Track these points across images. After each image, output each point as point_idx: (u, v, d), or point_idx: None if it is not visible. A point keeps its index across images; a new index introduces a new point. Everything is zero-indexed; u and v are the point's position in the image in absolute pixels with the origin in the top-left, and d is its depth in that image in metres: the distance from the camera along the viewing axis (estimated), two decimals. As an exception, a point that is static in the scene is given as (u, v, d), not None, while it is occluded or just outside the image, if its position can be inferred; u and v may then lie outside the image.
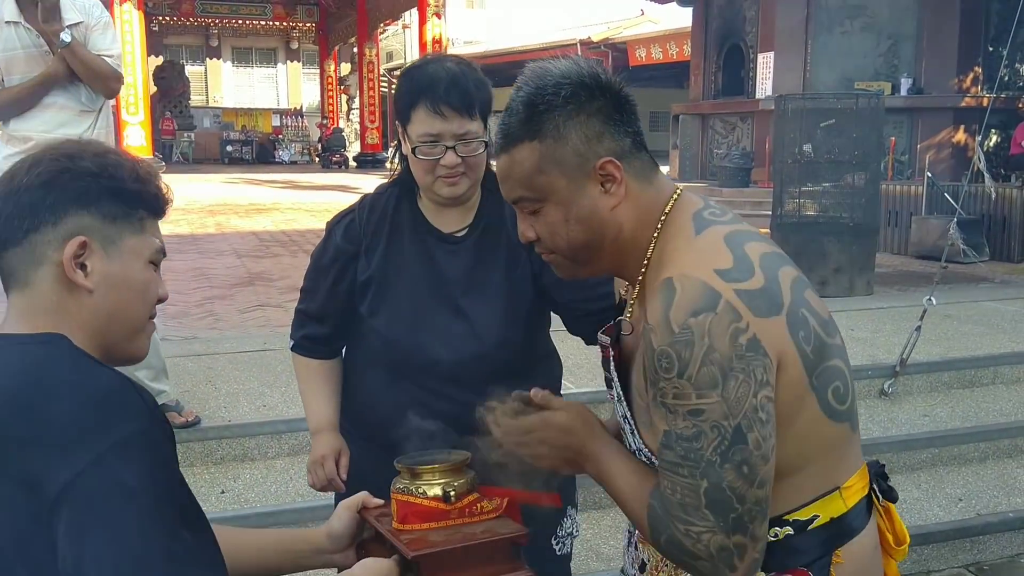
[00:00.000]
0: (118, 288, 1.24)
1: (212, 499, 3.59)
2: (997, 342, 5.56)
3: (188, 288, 7.54)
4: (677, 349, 1.18)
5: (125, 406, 1.12)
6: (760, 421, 1.18)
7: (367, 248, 1.99)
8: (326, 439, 2.04)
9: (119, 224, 1.24)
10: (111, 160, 1.25)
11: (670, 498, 1.22)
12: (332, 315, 2.05)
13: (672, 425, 1.21)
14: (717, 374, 1.17)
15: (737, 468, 1.18)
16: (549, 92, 1.29)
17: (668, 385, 1.20)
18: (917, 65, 13.21)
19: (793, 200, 7.66)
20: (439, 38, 21.37)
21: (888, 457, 4.25)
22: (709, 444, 1.18)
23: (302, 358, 2.11)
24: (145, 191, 1.28)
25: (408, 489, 1.43)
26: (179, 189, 7.57)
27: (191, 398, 4.28)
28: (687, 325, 1.19)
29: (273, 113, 30.99)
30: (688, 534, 1.20)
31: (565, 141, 1.29)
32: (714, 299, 1.19)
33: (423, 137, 1.85)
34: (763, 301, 1.21)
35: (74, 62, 3.61)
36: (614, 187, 1.30)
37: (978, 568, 3.75)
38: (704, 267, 1.23)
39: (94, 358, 1.20)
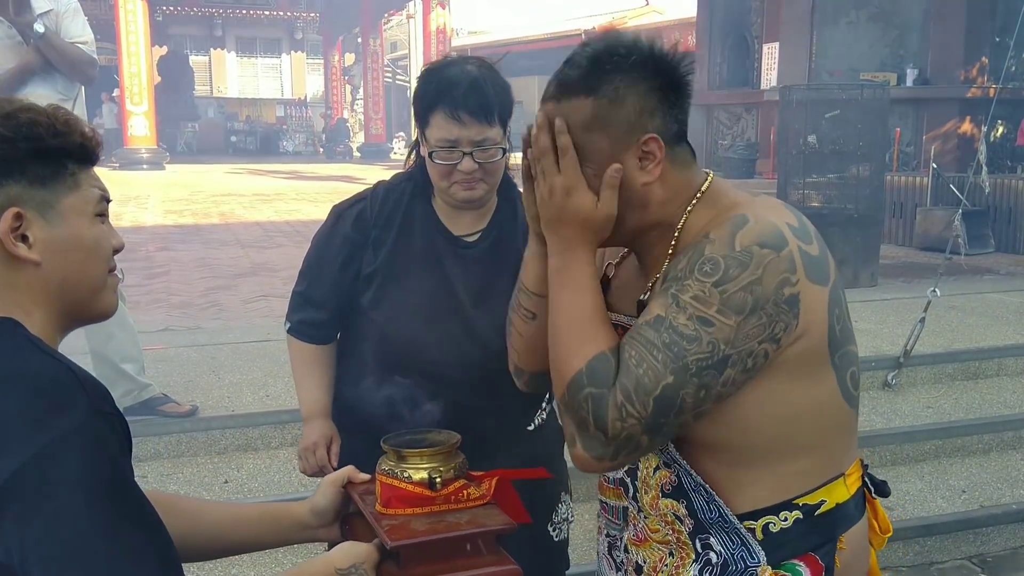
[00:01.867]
0: (67, 252, 1.17)
1: (215, 488, 3.60)
2: (1001, 334, 5.56)
3: (192, 278, 7.56)
4: (728, 263, 1.19)
5: (67, 399, 1.06)
6: (745, 365, 1.20)
7: (375, 240, 1.97)
8: (318, 426, 2.04)
9: (51, 185, 1.16)
10: (24, 119, 1.14)
11: (631, 367, 1.19)
12: (332, 302, 2.03)
13: (672, 316, 1.20)
14: (748, 304, 1.18)
15: (699, 388, 1.18)
16: (620, 53, 1.27)
17: (696, 284, 1.19)
18: (923, 56, 13.14)
19: (798, 191, 7.64)
20: (443, 28, 21.35)
21: (891, 449, 4.25)
22: (697, 352, 1.18)
23: (297, 342, 2.09)
24: (69, 143, 1.18)
25: (393, 472, 1.39)
26: (183, 179, 7.61)
27: (194, 388, 4.29)
28: (749, 250, 1.19)
29: (277, 103, 30.99)
30: (620, 407, 1.18)
31: (620, 106, 1.26)
32: (783, 243, 1.21)
33: (440, 142, 1.83)
34: (817, 268, 1.23)
35: (49, 52, 3.62)
36: (651, 166, 1.29)
37: (981, 560, 3.74)
38: (777, 216, 1.25)
39: (41, 346, 1.13)
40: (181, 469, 3.72)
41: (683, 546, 1.37)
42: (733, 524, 1.31)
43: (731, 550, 1.32)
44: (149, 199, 13.16)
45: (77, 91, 3.83)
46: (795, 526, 1.30)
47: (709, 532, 1.34)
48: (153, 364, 4.43)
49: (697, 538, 1.35)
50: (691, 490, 1.33)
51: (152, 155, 18.18)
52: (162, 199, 13.20)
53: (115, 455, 1.08)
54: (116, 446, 1.08)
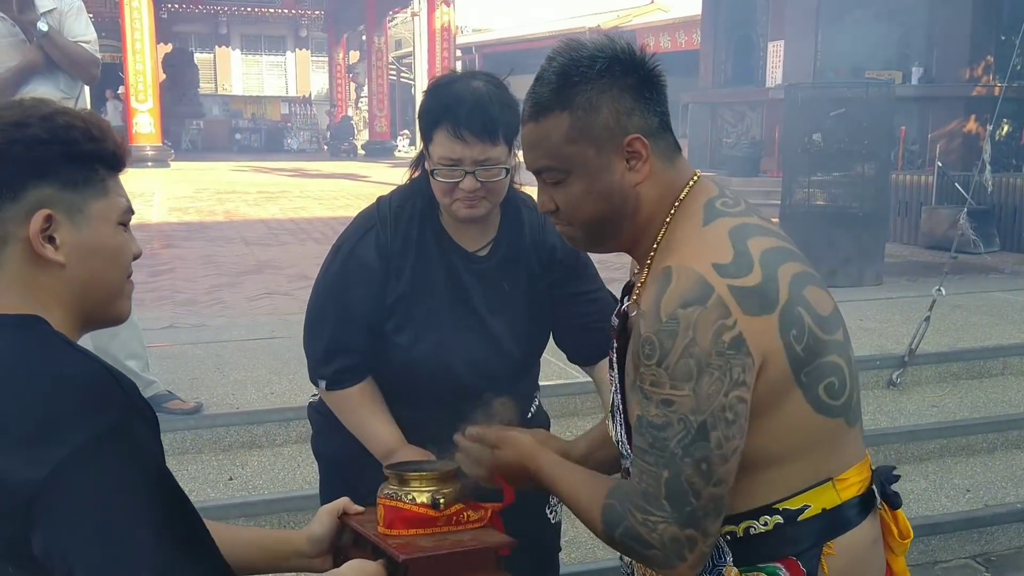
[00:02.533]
0: (91, 256, 1.18)
1: (220, 486, 3.60)
2: (1006, 333, 5.54)
3: (197, 275, 7.56)
4: (660, 338, 1.20)
5: (104, 396, 1.08)
6: (726, 421, 1.20)
7: (396, 268, 1.91)
8: (406, 454, 1.87)
9: (82, 189, 1.18)
10: (61, 122, 1.16)
11: (635, 485, 1.24)
12: (364, 341, 1.93)
13: (645, 411, 1.23)
14: (693, 368, 1.19)
15: (696, 464, 1.20)
16: (584, 63, 1.29)
17: (647, 371, 1.22)
18: (929, 54, 13.10)
19: (802, 189, 7.63)
20: (448, 26, 21.34)
21: (896, 447, 4.25)
22: (674, 436, 1.20)
23: (341, 392, 1.95)
24: (102, 149, 1.20)
25: (396, 495, 1.45)
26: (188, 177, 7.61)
27: (199, 385, 4.30)
28: (675, 315, 1.20)
29: (282, 101, 31.00)
30: (645, 523, 1.23)
31: (596, 114, 1.28)
32: (706, 293, 1.20)
33: (443, 160, 1.81)
34: (756, 299, 1.22)
35: (52, 50, 3.63)
36: (639, 164, 1.31)
37: (986, 559, 3.74)
38: (703, 260, 1.24)
39: (72, 343, 1.15)
40: (186, 466, 3.73)
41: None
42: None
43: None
44: (154, 196, 13.17)
45: (80, 90, 3.84)
46: (776, 530, 1.30)
47: None
48: (158, 361, 4.44)
49: None
50: None
51: (157, 152, 18.20)
52: (167, 196, 13.21)
53: (153, 450, 1.10)
54: (152, 441, 1.11)
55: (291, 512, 3.45)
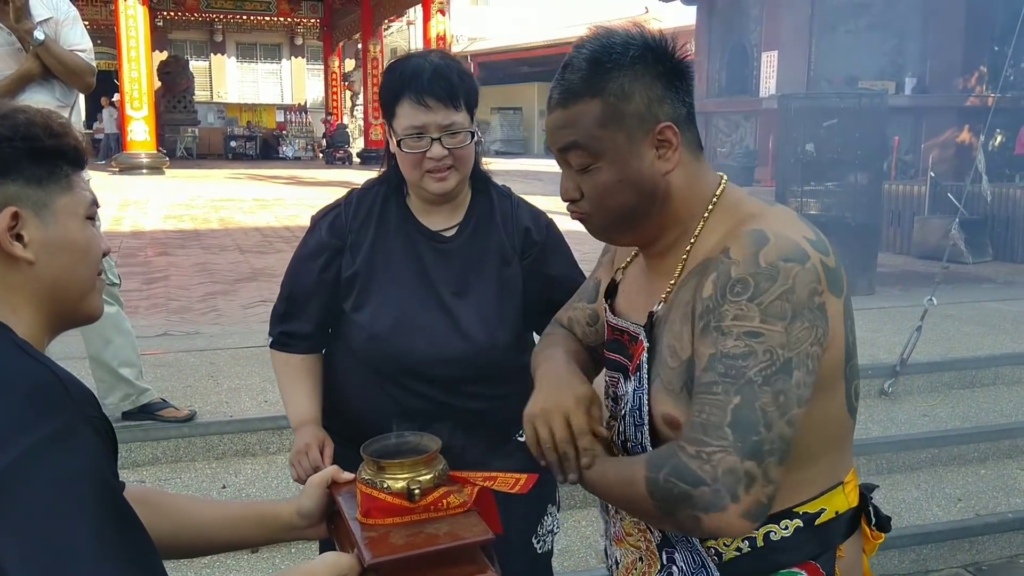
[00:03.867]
0: (60, 252, 1.18)
1: (213, 494, 3.60)
2: (998, 343, 5.57)
3: (191, 283, 7.56)
4: (758, 279, 1.18)
5: (50, 402, 1.06)
6: (808, 367, 1.18)
7: (352, 244, 1.97)
8: (309, 430, 1.98)
9: (46, 185, 1.17)
10: (21, 119, 1.16)
11: (693, 420, 1.16)
12: (313, 312, 2.02)
13: (720, 347, 1.18)
14: (788, 310, 1.17)
15: (775, 395, 1.15)
16: (617, 50, 1.28)
17: (731, 307, 1.18)
18: (922, 64, 13.16)
19: (796, 199, 7.66)
20: (443, 35, 21.36)
21: (888, 457, 4.26)
22: (756, 364, 1.15)
23: (281, 354, 2.07)
24: (64, 144, 1.20)
25: (372, 481, 1.38)
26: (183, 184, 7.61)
27: (193, 393, 4.30)
28: (775, 264, 1.19)
29: (277, 109, 30.98)
30: (698, 455, 1.14)
31: (628, 100, 1.27)
32: (805, 256, 1.21)
33: (408, 130, 1.84)
34: (836, 280, 1.24)
35: (49, 59, 3.64)
36: (669, 153, 1.29)
37: (977, 568, 3.75)
38: (794, 230, 1.25)
39: (26, 349, 1.13)
40: (179, 474, 3.73)
41: (651, 555, 1.39)
42: (695, 544, 1.33)
43: (692, 568, 1.34)
44: (149, 204, 13.16)
45: (75, 98, 3.85)
46: (795, 534, 1.31)
47: (675, 547, 1.36)
48: (152, 369, 4.44)
49: (664, 550, 1.37)
50: None
51: (152, 160, 18.16)
52: (162, 204, 13.20)
53: (98, 459, 1.07)
54: (100, 450, 1.08)
55: (284, 520, 3.45)
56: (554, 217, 2.13)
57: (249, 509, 1.53)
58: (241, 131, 28.86)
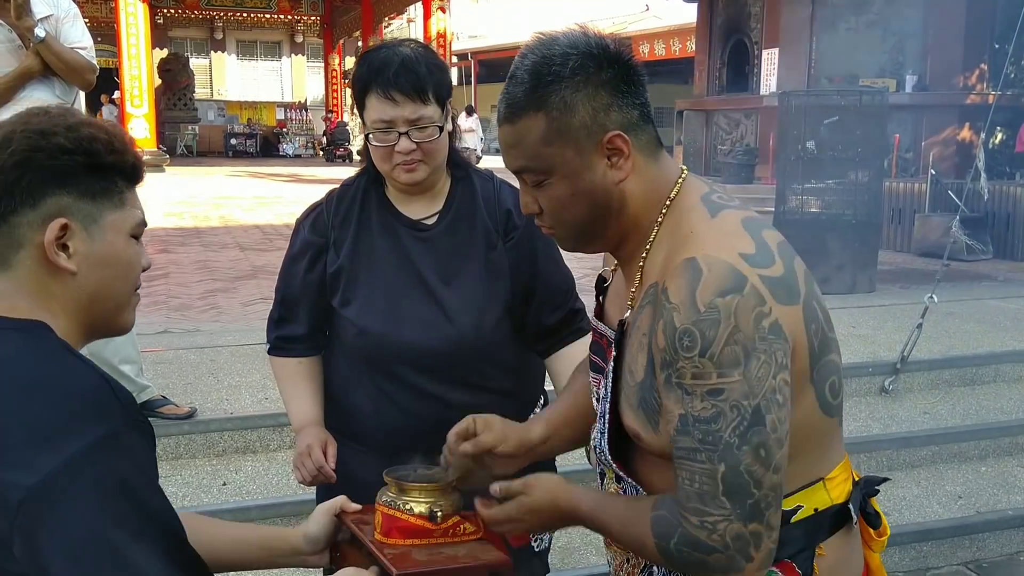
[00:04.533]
0: (102, 267, 1.20)
1: (214, 491, 3.60)
2: (999, 340, 5.56)
3: (191, 281, 7.56)
4: (702, 328, 1.16)
5: (100, 406, 1.08)
6: (777, 403, 1.17)
7: (335, 240, 1.97)
8: (311, 432, 1.98)
9: (99, 201, 1.20)
10: (85, 134, 1.19)
11: (687, 489, 1.18)
12: (306, 314, 2.02)
13: (688, 408, 1.17)
14: (740, 353, 1.15)
15: (755, 451, 1.15)
16: (556, 63, 1.25)
17: (688, 364, 1.17)
18: (923, 62, 13.16)
19: (796, 197, 7.66)
20: (444, 32, 21.35)
21: (888, 454, 4.26)
22: (728, 425, 1.15)
23: (279, 359, 2.09)
24: (123, 161, 1.22)
25: (395, 503, 1.44)
26: (183, 182, 7.60)
27: (193, 390, 4.30)
28: (713, 305, 1.16)
29: (277, 106, 30.98)
30: (703, 525, 1.17)
31: (572, 113, 1.24)
32: (741, 281, 1.17)
33: (376, 124, 1.84)
34: (783, 289, 1.20)
35: (49, 57, 3.65)
36: (621, 161, 1.27)
37: (977, 566, 3.75)
38: (728, 250, 1.21)
39: (75, 353, 1.16)
40: (179, 471, 3.73)
41: (635, 555, 1.40)
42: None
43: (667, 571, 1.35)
44: (149, 201, 13.13)
45: (75, 95, 3.85)
46: None
47: None
48: (152, 366, 4.44)
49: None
50: None
51: (152, 157, 18.16)
52: (162, 201, 13.20)
53: (143, 462, 1.10)
54: (145, 456, 1.11)
55: (284, 517, 3.45)
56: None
57: (256, 532, 1.56)
58: (241, 129, 28.85)
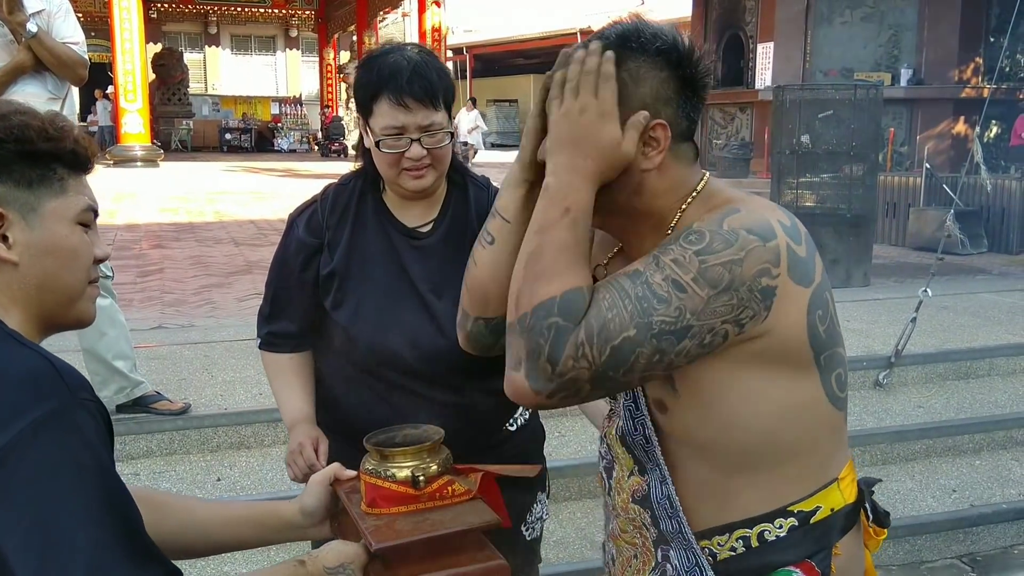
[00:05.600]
0: (44, 256, 1.18)
1: (208, 486, 3.60)
2: (993, 334, 5.58)
3: (186, 276, 7.55)
4: (714, 237, 1.18)
5: (43, 386, 1.07)
6: (702, 340, 1.18)
7: (330, 241, 1.96)
8: (302, 429, 1.97)
9: (36, 188, 1.18)
10: (16, 122, 1.17)
11: (603, 310, 1.17)
12: (297, 311, 2.01)
13: (649, 273, 1.19)
14: (723, 281, 1.17)
15: (654, 351, 1.17)
16: (647, 36, 1.27)
17: (678, 250, 1.19)
18: (918, 55, 13.18)
19: (791, 191, 7.66)
20: (438, 26, 21.32)
21: (882, 448, 4.27)
22: (662, 315, 1.16)
23: (270, 354, 2.08)
24: (60, 148, 1.20)
25: (377, 471, 1.39)
26: (177, 177, 7.57)
27: (187, 386, 4.29)
28: (737, 232, 1.19)
29: (272, 101, 30.92)
30: (579, 346, 1.15)
31: (638, 86, 1.26)
32: (771, 235, 1.20)
33: (387, 130, 1.82)
34: (801, 268, 1.23)
35: (41, 52, 3.64)
36: (654, 152, 1.28)
37: (971, 559, 3.76)
38: (771, 213, 1.24)
39: (18, 338, 1.15)
40: (174, 467, 3.72)
41: (646, 551, 1.39)
42: (691, 543, 1.32)
43: (686, 567, 1.33)
44: (143, 196, 13.13)
45: (67, 90, 3.84)
46: (790, 534, 1.30)
47: (670, 544, 1.35)
48: (146, 362, 4.43)
49: (659, 547, 1.37)
50: (656, 502, 1.35)
51: (146, 152, 18.13)
52: (156, 196, 13.17)
53: (93, 441, 1.09)
54: (94, 432, 1.09)
55: (279, 513, 3.45)
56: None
57: (251, 509, 1.53)
58: (236, 123, 28.78)
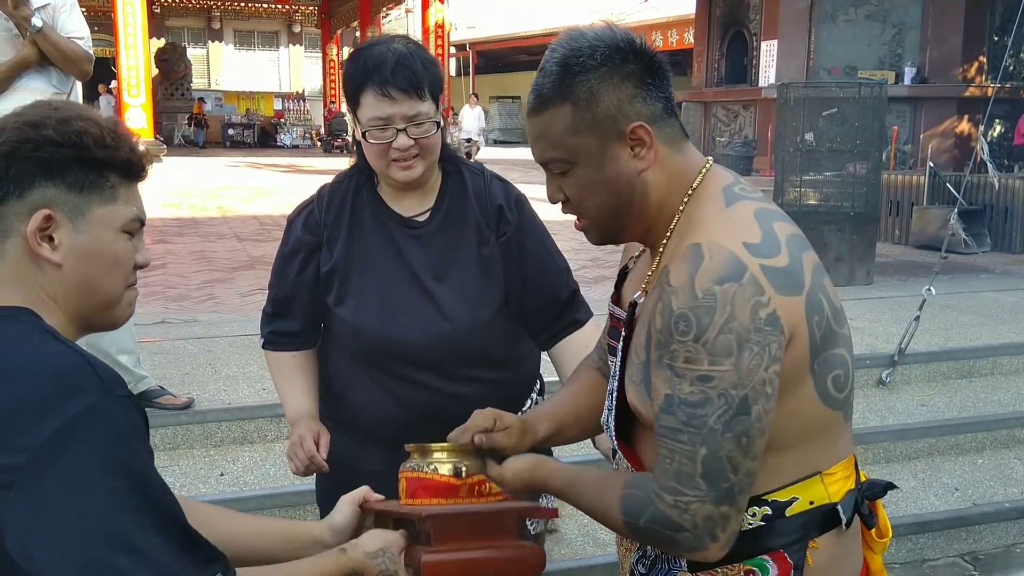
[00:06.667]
0: (87, 261, 1.21)
1: (211, 481, 3.60)
2: (996, 333, 5.57)
3: (189, 271, 7.56)
4: (698, 314, 1.19)
5: (78, 383, 1.09)
6: (766, 395, 1.19)
7: (328, 239, 1.97)
8: (304, 424, 1.99)
9: (87, 194, 1.20)
10: (75, 127, 1.20)
11: (665, 466, 1.21)
12: (299, 310, 2.03)
13: (677, 390, 1.20)
14: (734, 343, 1.18)
15: (737, 438, 1.18)
16: (584, 54, 1.29)
17: (681, 348, 1.20)
18: (922, 54, 13.14)
19: (795, 189, 7.65)
20: (442, 23, 21.30)
21: (885, 446, 4.27)
22: (714, 412, 1.18)
23: (273, 353, 2.09)
24: (115, 157, 1.23)
25: (419, 467, 1.44)
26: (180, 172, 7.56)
27: (191, 381, 4.30)
28: (711, 291, 1.19)
29: (275, 97, 30.92)
30: (676, 504, 1.20)
31: (598, 103, 1.28)
32: (740, 270, 1.20)
33: (373, 121, 1.84)
34: (786, 279, 1.23)
35: (46, 46, 3.64)
36: (644, 151, 1.31)
37: (973, 558, 3.76)
38: (733, 238, 1.24)
39: (56, 335, 1.17)
40: (177, 461, 3.73)
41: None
42: None
43: (661, 549, 1.36)
44: (146, 191, 13.10)
45: (72, 85, 3.85)
46: (764, 522, 1.30)
47: None
48: (150, 356, 4.44)
49: None
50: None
51: (149, 148, 18.16)
52: (159, 192, 13.17)
53: (128, 436, 1.11)
54: (130, 428, 1.12)
55: (282, 508, 3.45)
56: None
57: (280, 524, 1.58)
58: (239, 119, 28.79)
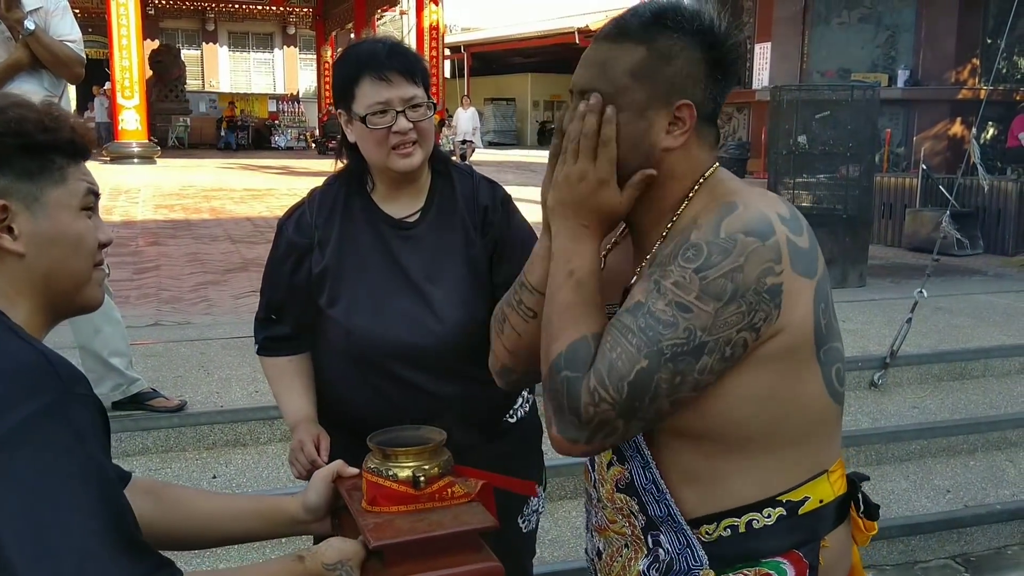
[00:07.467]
0: (51, 245, 1.20)
1: (204, 484, 3.60)
2: (988, 335, 5.59)
3: (182, 273, 7.55)
4: (711, 249, 1.19)
5: (38, 380, 1.08)
6: (722, 354, 1.19)
7: (320, 240, 1.98)
8: (304, 428, 1.99)
9: (38, 179, 1.20)
10: (13, 115, 1.19)
11: (606, 351, 1.20)
12: (292, 314, 2.03)
13: (651, 301, 1.20)
14: (728, 289, 1.17)
15: (673, 374, 1.18)
16: (684, 16, 1.28)
17: (677, 271, 1.20)
18: (915, 57, 13.18)
19: (788, 191, 7.67)
20: (436, 24, 21.32)
21: (877, 448, 4.28)
22: (672, 338, 1.17)
23: (269, 359, 2.10)
24: (58, 138, 1.22)
25: (379, 470, 1.42)
26: (174, 174, 7.56)
27: (184, 383, 4.29)
28: (734, 237, 1.19)
29: (269, 98, 30.88)
30: (594, 392, 1.18)
31: (669, 64, 1.26)
32: (769, 232, 1.20)
33: (372, 106, 1.85)
34: (804, 260, 1.23)
35: (39, 49, 3.65)
36: (678, 132, 1.28)
37: (965, 559, 3.77)
38: (769, 205, 1.24)
39: (14, 330, 1.15)
40: (169, 464, 3.72)
41: (637, 539, 1.39)
42: (680, 524, 1.32)
43: (677, 549, 1.34)
44: (140, 193, 13.12)
45: (63, 88, 3.85)
46: (778, 523, 1.30)
47: (660, 529, 1.35)
48: (142, 359, 4.43)
49: (649, 534, 1.37)
50: (642, 488, 1.35)
51: (143, 149, 18.12)
52: (153, 194, 13.15)
53: (86, 435, 1.09)
54: (88, 427, 1.10)
55: (275, 510, 3.45)
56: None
57: (255, 503, 1.56)
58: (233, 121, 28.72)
